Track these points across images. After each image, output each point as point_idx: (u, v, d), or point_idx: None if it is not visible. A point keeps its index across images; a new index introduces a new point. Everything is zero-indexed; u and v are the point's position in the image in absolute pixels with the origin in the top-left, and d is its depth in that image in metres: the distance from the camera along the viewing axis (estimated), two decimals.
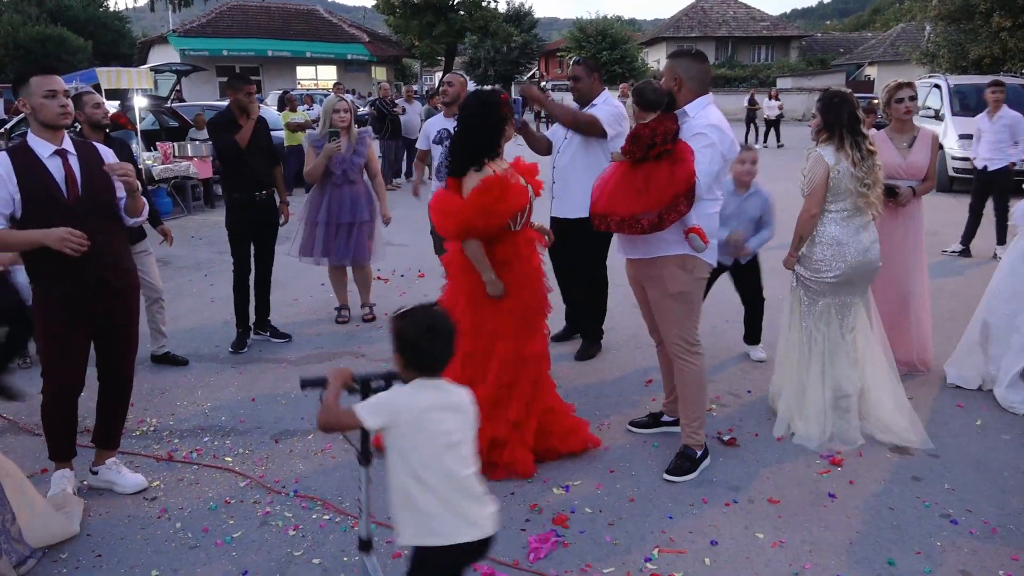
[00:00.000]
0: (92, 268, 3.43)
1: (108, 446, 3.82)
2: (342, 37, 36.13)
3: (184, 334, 6.12)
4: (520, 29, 53.80)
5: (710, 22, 46.13)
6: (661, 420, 4.29)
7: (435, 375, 2.28)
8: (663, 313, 3.83)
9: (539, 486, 3.74)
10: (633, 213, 3.55)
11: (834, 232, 4.08)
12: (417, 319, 2.29)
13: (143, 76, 12.65)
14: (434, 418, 2.22)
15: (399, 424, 2.21)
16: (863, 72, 40.44)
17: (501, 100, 3.77)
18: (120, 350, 3.70)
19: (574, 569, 3.10)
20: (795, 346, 4.28)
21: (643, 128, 3.59)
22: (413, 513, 2.23)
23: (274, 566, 3.14)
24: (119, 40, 49.12)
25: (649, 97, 3.71)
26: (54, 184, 3.38)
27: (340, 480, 3.83)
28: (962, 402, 4.63)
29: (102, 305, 3.52)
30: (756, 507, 3.54)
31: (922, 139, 4.95)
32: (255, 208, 5.67)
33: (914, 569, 3.07)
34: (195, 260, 8.68)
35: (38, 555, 3.16)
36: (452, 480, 2.22)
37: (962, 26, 21.78)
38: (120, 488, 3.74)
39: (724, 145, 3.61)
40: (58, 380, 3.54)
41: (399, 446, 2.22)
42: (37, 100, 3.36)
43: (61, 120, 3.41)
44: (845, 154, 4.01)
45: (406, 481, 2.22)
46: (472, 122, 3.74)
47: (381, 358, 5.32)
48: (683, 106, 3.68)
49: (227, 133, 5.52)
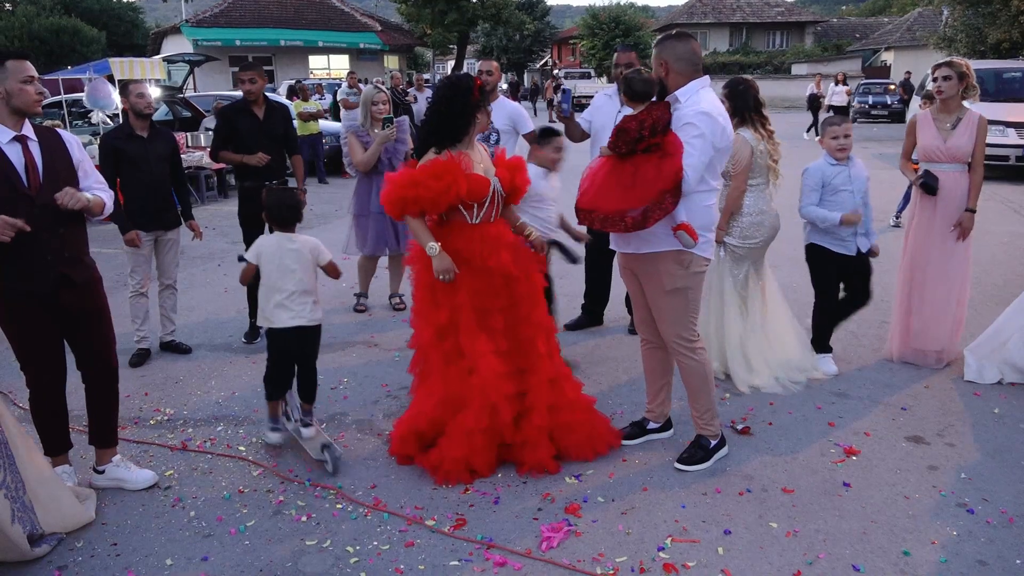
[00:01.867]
0: (55, 264, 3.34)
1: (107, 444, 3.74)
2: (354, 26, 36.04)
3: (197, 324, 6.15)
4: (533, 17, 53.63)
5: (724, 8, 45.77)
6: (647, 428, 4.06)
7: (284, 230, 3.93)
8: (660, 310, 3.71)
9: (551, 475, 3.72)
10: (619, 209, 3.41)
11: (757, 204, 4.65)
12: (275, 195, 3.98)
13: (156, 66, 12.68)
14: (280, 252, 3.86)
15: (262, 255, 3.88)
16: (879, 57, 40.01)
17: (472, 86, 3.65)
18: (95, 345, 3.59)
19: (586, 558, 3.09)
20: (728, 308, 4.74)
21: (630, 120, 3.45)
22: (264, 308, 3.92)
23: (287, 555, 3.16)
24: (133, 31, 49.27)
25: (636, 88, 3.63)
26: (13, 172, 3.22)
27: (353, 469, 3.83)
28: (979, 391, 4.58)
29: (66, 301, 3.41)
30: (770, 496, 3.52)
31: (967, 121, 4.75)
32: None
33: (930, 559, 3.05)
34: (208, 250, 8.71)
35: (52, 541, 3.17)
36: (283, 290, 3.83)
37: (980, 10, 21.45)
38: (131, 485, 3.67)
39: (715, 135, 3.41)
40: (38, 371, 3.47)
41: (263, 269, 3.88)
42: (14, 84, 3.20)
43: (35, 107, 3.29)
44: (760, 135, 4.57)
45: (263, 290, 3.90)
46: (440, 107, 3.67)
47: (394, 347, 5.32)
48: (674, 91, 3.51)
49: (233, 120, 5.55)
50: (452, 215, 3.69)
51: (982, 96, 13.31)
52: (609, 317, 5.89)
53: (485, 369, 3.61)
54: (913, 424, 4.17)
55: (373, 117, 6.00)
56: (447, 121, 3.64)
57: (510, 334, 3.74)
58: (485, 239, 3.67)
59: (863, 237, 4.76)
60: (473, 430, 3.62)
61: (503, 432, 3.68)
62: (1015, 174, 12.48)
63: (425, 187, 3.54)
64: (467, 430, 3.63)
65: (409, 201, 3.58)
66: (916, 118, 4.97)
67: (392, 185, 3.64)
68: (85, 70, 13.90)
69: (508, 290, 3.71)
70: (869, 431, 4.11)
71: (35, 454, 3.28)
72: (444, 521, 3.36)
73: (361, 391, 4.80)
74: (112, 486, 3.70)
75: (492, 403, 3.60)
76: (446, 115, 3.64)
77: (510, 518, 3.38)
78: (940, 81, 4.76)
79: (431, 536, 3.26)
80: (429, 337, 3.73)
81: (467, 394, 3.65)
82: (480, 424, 3.61)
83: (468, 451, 3.65)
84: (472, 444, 3.64)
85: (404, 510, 3.45)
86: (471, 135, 3.72)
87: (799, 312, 5.24)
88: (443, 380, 3.73)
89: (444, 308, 3.66)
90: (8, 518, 2.93)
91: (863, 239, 4.76)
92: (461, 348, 3.67)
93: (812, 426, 4.21)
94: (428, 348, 3.76)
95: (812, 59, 40.17)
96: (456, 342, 3.68)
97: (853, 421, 4.25)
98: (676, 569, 3.01)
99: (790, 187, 4.96)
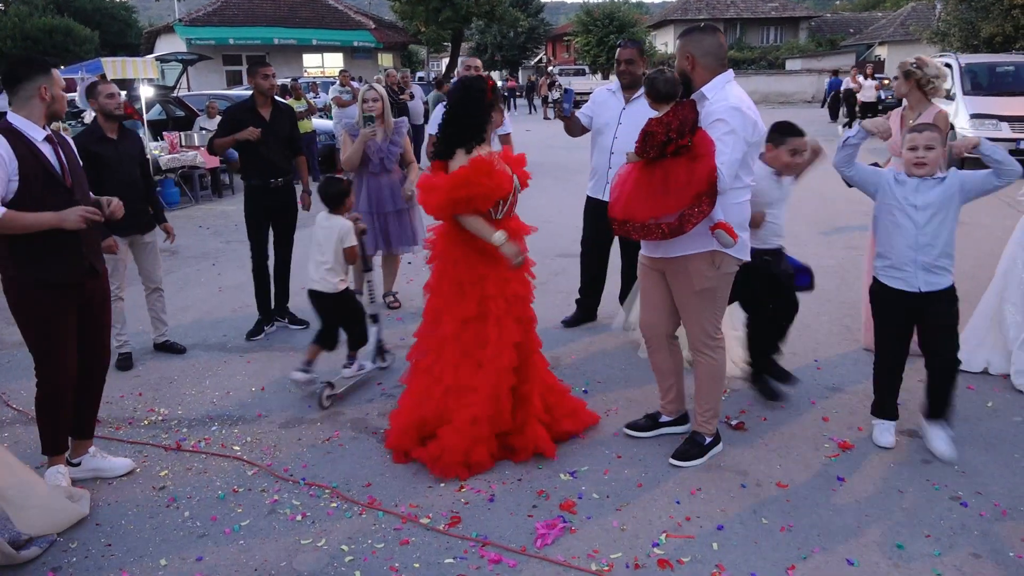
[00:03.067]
0: (85, 253, 3.50)
1: (88, 435, 3.81)
2: (348, 24, 35.96)
3: (192, 323, 6.14)
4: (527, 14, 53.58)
5: (718, 4, 45.76)
6: (659, 421, 4.08)
7: (332, 211, 4.63)
8: (687, 309, 3.69)
9: (546, 472, 3.74)
10: (654, 217, 3.36)
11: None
12: (323, 183, 4.66)
13: (149, 66, 12.63)
14: (319, 227, 4.63)
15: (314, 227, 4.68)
16: (873, 52, 40.05)
17: (485, 87, 3.74)
18: (104, 332, 3.75)
19: (581, 555, 3.10)
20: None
21: (656, 124, 3.38)
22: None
23: (282, 554, 3.15)
24: (126, 30, 49.18)
25: (660, 88, 3.51)
26: (53, 168, 3.40)
27: (348, 467, 3.83)
28: (973, 384, 4.59)
29: (90, 289, 3.59)
30: (764, 491, 3.53)
31: (926, 116, 4.69)
32: (271, 194, 5.69)
33: (924, 552, 3.06)
34: (203, 250, 8.69)
35: (43, 543, 3.17)
36: (312, 258, 4.63)
37: (973, 4, 21.51)
38: (109, 473, 3.76)
39: (747, 129, 3.34)
40: (59, 372, 3.50)
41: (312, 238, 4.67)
42: (58, 91, 3.45)
43: (63, 114, 3.56)
44: None
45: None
46: (458, 109, 3.74)
47: (390, 345, 5.31)
48: (700, 87, 3.44)
49: (240, 119, 5.56)
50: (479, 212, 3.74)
51: (975, 90, 13.42)
52: (604, 312, 5.89)
53: (506, 359, 3.69)
54: (906, 418, 4.17)
55: (367, 112, 5.98)
56: (469, 122, 3.71)
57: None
58: (511, 233, 3.74)
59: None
60: (480, 418, 3.67)
61: (503, 420, 3.73)
62: None
63: (478, 185, 3.58)
64: (475, 416, 3.67)
65: (462, 201, 3.61)
66: (890, 116, 5.01)
67: (440, 190, 3.65)
68: (78, 70, 13.84)
69: (528, 280, 3.87)
70: (862, 425, 4.12)
71: (7, 457, 3.29)
72: (439, 519, 3.36)
73: (356, 389, 4.79)
74: (89, 476, 3.74)
75: (498, 392, 3.66)
76: (465, 116, 3.72)
77: (505, 515, 3.38)
78: (892, 81, 4.90)
79: (426, 534, 3.26)
80: (453, 329, 3.75)
81: (475, 383, 3.71)
82: (487, 411, 3.67)
83: (471, 441, 3.68)
84: (476, 433, 3.68)
85: (399, 508, 3.45)
86: (489, 134, 3.79)
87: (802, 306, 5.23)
88: (455, 370, 3.76)
89: (472, 300, 3.72)
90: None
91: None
92: (486, 338, 3.71)
93: (806, 421, 4.21)
94: (448, 340, 3.78)
95: (806, 54, 40.22)
96: (479, 333, 3.72)
97: (847, 415, 4.26)
98: (671, 565, 3.02)
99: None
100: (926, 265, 3.66)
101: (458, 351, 3.76)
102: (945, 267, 3.69)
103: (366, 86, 6.23)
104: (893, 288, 3.76)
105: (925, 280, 3.67)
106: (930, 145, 3.65)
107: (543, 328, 5.70)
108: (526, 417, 3.82)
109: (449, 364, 3.78)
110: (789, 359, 5.02)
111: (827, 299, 6.18)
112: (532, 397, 3.85)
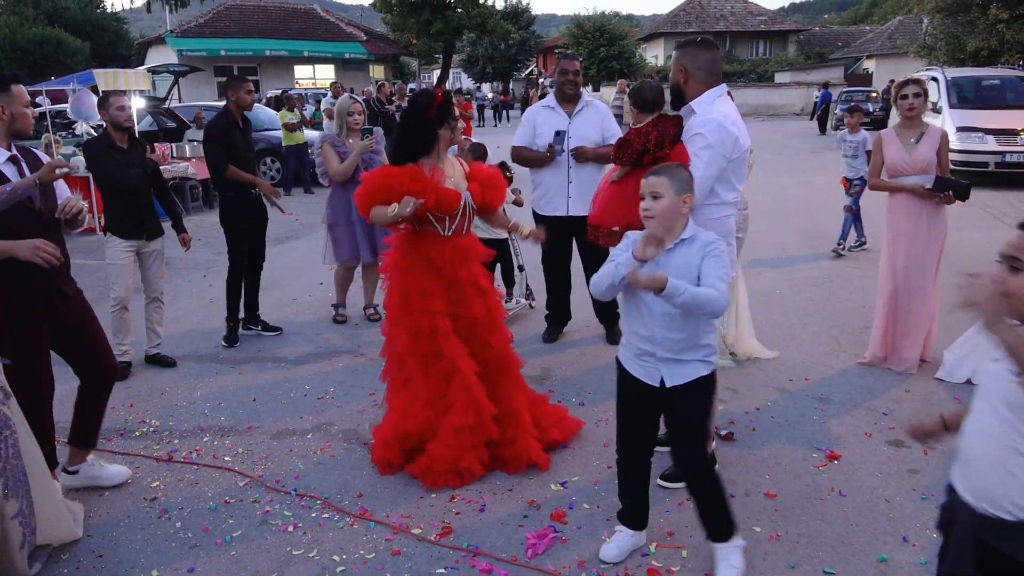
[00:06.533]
0: (55, 278, 3.38)
1: (90, 445, 3.78)
2: (340, 36, 36.04)
3: (183, 335, 6.14)
4: (518, 26, 53.80)
5: (708, 17, 46.08)
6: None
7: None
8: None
9: (537, 482, 3.76)
10: (619, 225, 3.37)
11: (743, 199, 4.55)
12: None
13: (140, 77, 12.65)
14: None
15: None
16: (861, 65, 40.40)
17: (430, 104, 3.71)
18: (98, 342, 3.66)
19: (572, 564, 3.11)
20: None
21: (633, 133, 3.44)
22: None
23: (274, 564, 3.16)
24: (117, 41, 49.05)
25: (646, 96, 3.57)
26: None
27: (339, 478, 3.85)
28: (959, 395, 4.63)
29: (63, 311, 3.48)
30: (753, 501, 3.56)
31: (930, 135, 4.94)
32: (250, 203, 5.80)
33: (910, 560, 3.09)
34: (194, 261, 8.69)
35: (42, 557, 3.16)
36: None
37: (959, 18, 21.74)
38: (106, 481, 3.76)
39: (725, 145, 3.28)
40: (36, 388, 3.42)
41: None
42: (19, 108, 3.32)
43: (30, 131, 3.42)
44: None
45: None
46: (408, 122, 3.81)
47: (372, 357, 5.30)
48: (691, 101, 3.42)
49: (230, 134, 5.65)
50: (425, 227, 3.75)
51: (962, 103, 13.54)
52: (589, 323, 5.91)
53: (466, 368, 3.70)
54: (895, 428, 4.21)
55: (349, 127, 6.05)
56: (408, 138, 3.76)
57: (479, 346, 3.83)
58: (457, 250, 3.77)
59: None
60: (462, 427, 3.68)
61: (488, 429, 3.74)
62: (994, 180, 12.62)
63: (398, 181, 3.61)
64: (456, 427, 3.68)
65: (378, 191, 3.64)
66: (881, 136, 5.10)
67: (365, 180, 3.74)
68: (69, 81, 13.84)
69: (481, 300, 3.83)
70: (851, 436, 4.16)
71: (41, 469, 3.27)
72: (430, 529, 3.38)
73: (347, 400, 4.80)
74: (86, 485, 3.74)
75: (476, 400, 3.68)
76: (406, 132, 3.79)
77: (496, 525, 3.40)
78: (911, 98, 4.92)
79: (417, 544, 3.28)
80: (406, 342, 3.78)
81: (451, 395, 3.72)
82: (469, 420, 3.68)
83: (458, 450, 3.70)
84: (462, 442, 3.70)
85: (390, 519, 3.47)
86: (438, 149, 3.78)
87: (791, 317, 5.28)
88: (425, 382, 3.78)
89: (418, 313, 3.73)
90: (19, 543, 2.94)
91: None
92: (439, 350, 3.73)
93: (794, 431, 4.25)
94: (405, 354, 3.81)
95: (795, 67, 40.51)
96: (433, 346, 3.74)
97: (835, 426, 4.29)
98: (661, 575, 3.04)
99: (788, 188, 5.00)
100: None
101: (419, 364, 3.78)
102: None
103: (348, 99, 6.29)
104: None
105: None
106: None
107: (532, 342, 5.75)
108: (518, 433, 3.85)
109: (419, 379, 3.79)
110: (777, 370, 5.08)
111: (814, 311, 6.23)
112: (522, 414, 3.89)
